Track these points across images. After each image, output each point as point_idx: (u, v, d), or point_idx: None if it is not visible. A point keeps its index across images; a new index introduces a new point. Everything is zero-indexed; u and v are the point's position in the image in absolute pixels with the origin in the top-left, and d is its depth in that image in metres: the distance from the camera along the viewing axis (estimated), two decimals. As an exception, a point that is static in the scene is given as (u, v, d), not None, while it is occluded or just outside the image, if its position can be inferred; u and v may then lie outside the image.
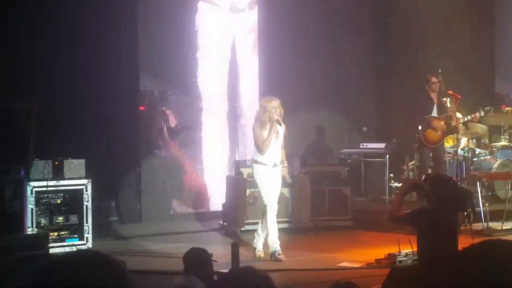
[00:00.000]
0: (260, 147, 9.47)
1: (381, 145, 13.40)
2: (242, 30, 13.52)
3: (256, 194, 11.62)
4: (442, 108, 12.08)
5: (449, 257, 6.03)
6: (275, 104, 9.46)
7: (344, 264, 9.24)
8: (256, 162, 9.62)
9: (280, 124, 9.50)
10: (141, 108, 12.73)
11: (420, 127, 12.00)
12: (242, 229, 11.40)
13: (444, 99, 12.11)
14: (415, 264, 8.16)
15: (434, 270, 6.14)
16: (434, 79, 12.08)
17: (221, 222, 11.96)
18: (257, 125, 9.52)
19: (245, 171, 11.76)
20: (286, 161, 9.79)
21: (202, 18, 13.11)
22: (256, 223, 11.41)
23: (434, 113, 12.09)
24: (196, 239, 10.70)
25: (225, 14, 13.33)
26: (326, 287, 7.88)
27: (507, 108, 15.51)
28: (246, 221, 11.47)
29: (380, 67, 14.90)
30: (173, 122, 12.88)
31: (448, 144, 12.61)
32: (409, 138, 12.80)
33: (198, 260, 6.11)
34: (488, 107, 12.16)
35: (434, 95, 12.12)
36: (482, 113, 12.11)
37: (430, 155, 12.17)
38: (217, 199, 12.79)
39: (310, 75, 13.90)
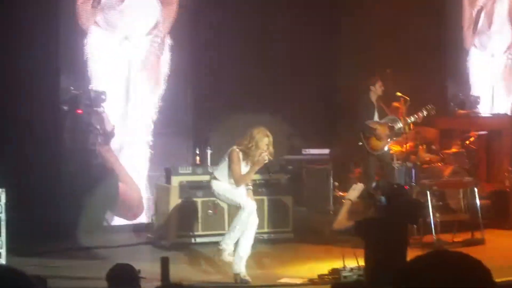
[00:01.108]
0: (235, 180, 9.34)
1: (325, 151, 13.48)
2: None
3: (189, 205, 11.57)
4: (382, 112, 12.19)
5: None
6: (267, 142, 9.30)
7: (284, 280, 9.25)
8: (216, 179, 9.53)
9: (270, 174, 9.55)
10: (79, 111, 12.52)
11: (362, 134, 12.07)
12: (173, 242, 11.36)
13: (395, 104, 12.24)
14: (358, 280, 8.22)
15: (381, 285, 6.18)
16: (380, 83, 12.17)
17: (151, 235, 11.88)
18: (238, 154, 9.33)
19: (176, 179, 11.70)
20: (250, 184, 9.68)
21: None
22: (188, 236, 11.40)
23: (376, 117, 12.21)
24: (124, 254, 10.61)
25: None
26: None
27: (460, 111, 15.77)
28: (178, 234, 11.43)
29: (325, 69, 14.96)
30: (108, 125, 12.73)
31: (396, 149, 12.72)
32: (354, 144, 12.87)
33: (123, 277, 6.05)
34: (430, 106, 12.23)
35: (374, 98, 12.23)
36: (425, 113, 12.19)
37: (376, 162, 12.25)
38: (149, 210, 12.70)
39: (249, 76, 13.88)
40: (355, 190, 7.71)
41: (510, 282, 8.41)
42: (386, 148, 12.24)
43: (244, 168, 9.35)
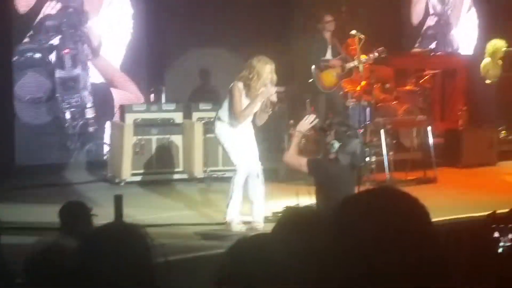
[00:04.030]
0: (236, 116, 8.70)
1: (281, 89, 13.42)
2: None
3: (143, 142, 11.53)
4: (336, 50, 12.11)
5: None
6: (269, 69, 8.63)
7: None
8: (220, 119, 8.93)
9: (274, 108, 8.83)
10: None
11: (313, 72, 12.01)
12: (127, 180, 11.33)
13: (349, 41, 12.17)
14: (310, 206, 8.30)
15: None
16: (327, 18, 11.94)
17: (105, 173, 11.84)
18: (239, 87, 8.63)
19: (130, 117, 11.63)
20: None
21: None
22: (142, 174, 11.39)
23: (329, 55, 12.12)
24: (78, 192, 10.57)
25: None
26: (215, 243, 7.97)
27: (415, 50, 15.81)
28: (132, 172, 11.41)
29: (282, 5, 14.85)
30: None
31: (350, 88, 12.70)
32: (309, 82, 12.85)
33: (75, 215, 6.02)
34: (381, 48, 12.12)
35: (328, 35, 12.08)
36: (376, 54, 12.12)
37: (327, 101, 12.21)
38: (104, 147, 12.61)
39: (205, 14, 13.71)
40: (307, 122, 7.73)
41: (461, 219, 8.55)
42: (337, 87, 12.16)
43: (246, 103, 8.70)
